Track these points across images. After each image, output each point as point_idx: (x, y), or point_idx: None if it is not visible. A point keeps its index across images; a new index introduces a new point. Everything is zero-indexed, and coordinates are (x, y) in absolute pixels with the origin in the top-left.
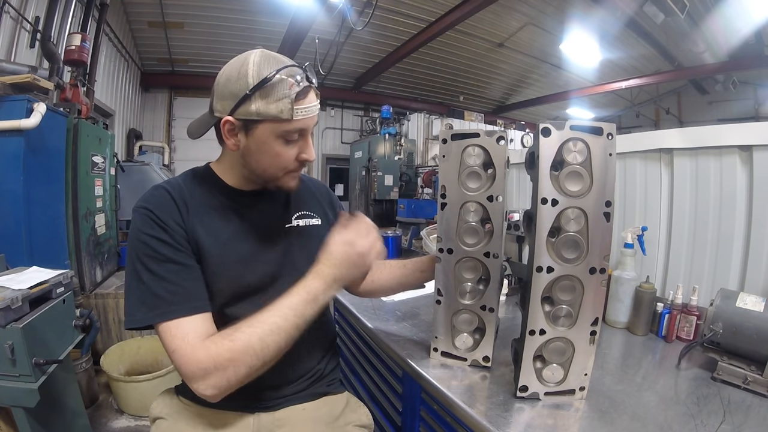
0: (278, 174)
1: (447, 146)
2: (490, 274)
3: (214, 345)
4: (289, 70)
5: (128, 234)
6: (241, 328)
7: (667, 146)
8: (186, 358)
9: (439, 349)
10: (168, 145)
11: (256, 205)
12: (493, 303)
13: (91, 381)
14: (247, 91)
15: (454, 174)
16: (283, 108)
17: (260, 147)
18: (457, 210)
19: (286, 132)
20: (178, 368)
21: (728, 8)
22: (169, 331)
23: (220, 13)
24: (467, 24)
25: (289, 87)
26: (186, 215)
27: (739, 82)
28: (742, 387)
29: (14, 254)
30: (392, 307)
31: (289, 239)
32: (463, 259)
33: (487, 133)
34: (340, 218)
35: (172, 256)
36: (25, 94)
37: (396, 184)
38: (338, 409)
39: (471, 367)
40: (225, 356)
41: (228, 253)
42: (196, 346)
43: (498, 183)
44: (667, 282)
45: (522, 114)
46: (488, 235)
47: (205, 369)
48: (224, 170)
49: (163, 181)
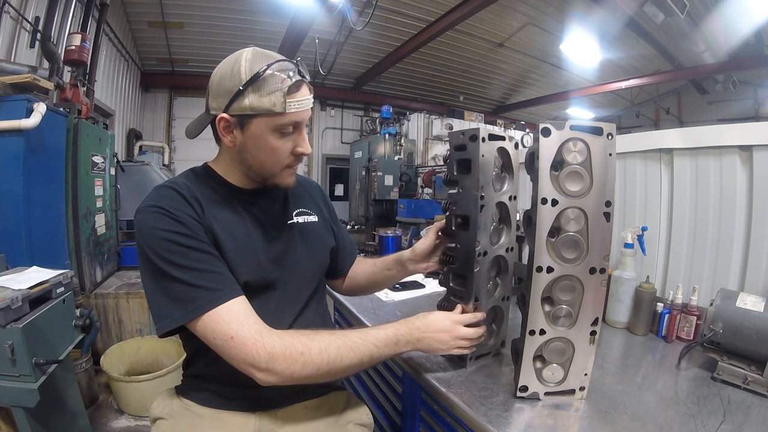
0: (275, 169)
1: (485, 145)
2: (508, 267)
3: (289, 336)
4: (280, 64)
5: (141, 235)
6: (322, 332)
7: (667, 146)
8: (251, 342)
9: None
10: (168, 145)
11: (258, 203)
12: (507, 291)
13: (91, 381)
14: (240, 86)
15: (489, 174)
16: (275, 101)
17: (256, 142)
18: (491, 210)
19: (281, 125)
20: (238, 354)
21: (728, 8)
22: (220, 319)
23: (220, 13)
24: (467, 24)
25: (281, 81)
26: (200, 211)
27: (739, 82)
28: (742, 387)
29: (14, 254)
30: (392, 307)
31: (292, 235)
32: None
33: (509, 138)
34: (467, 308)
35: (198, 246)
36: (25, 94)
37: (396, 184)
38: (339, 408)
39: (466, 366)
40: (298, 349)
41: (242, 247)
42: (264, 332)
43: (515, 183)
44: (667, 282)
45: (522, 114)
46: (508, 233)
47: (273, 355)
48: (224, 169)
49: (165, 181)
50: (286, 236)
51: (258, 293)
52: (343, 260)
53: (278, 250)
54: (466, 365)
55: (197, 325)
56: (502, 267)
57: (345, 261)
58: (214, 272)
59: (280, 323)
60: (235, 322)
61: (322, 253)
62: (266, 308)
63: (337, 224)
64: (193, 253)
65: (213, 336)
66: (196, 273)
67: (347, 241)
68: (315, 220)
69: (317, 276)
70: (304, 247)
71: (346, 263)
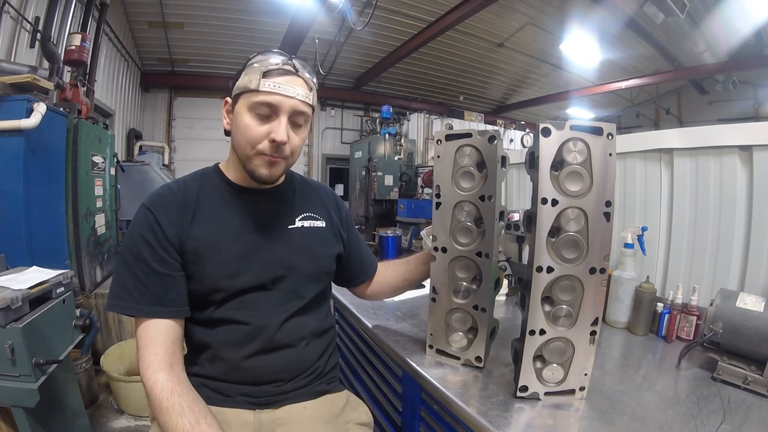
0: (247, 151)
1: (441, 147)
2: (481, 274)
3: (162, 389)
4: (273, 54)
5: (131, 223)
6: (181, 399)
7: (667, 146)
8: (143, 367)
9: (434, 346)
10: (168, 145)
11: (259, 203)
12: (485, 303)
13: (91, 381)
14: (239, 73)
15: (448, 174)
16: (252, 78)
17: (236, 119)
18: (451, 209)
19: (255, 104)
20: (139, 365)
21: (728, 8)
22: (141, 329)
23: (220, 13)
24: (467, 24)
25: (264, 64)
26: (185, 216)
27: (739, 82)
28: (742, 387)
29: (14, 254)
30: (392, 307)
31: (291, 240)
32: (457, 258)
33: (480, 133)
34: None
35: (147, 257)
36: (25, 94)
37: (396, 184)
38: (338, 407)
39: (465, 366)
40: (153, 400)
41: (226, 251)
42: (152, 367)
43: (490, 183)
44: (667, 282)
45: (522, 114)
46: (481, 235)
47: (148, 388)
48: (228, 167)
49: (172, 180)
50: (285, 239)
51: (247, 293)
52: (359, 269)
53: (273, 253)
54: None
55: (134, 319)
56: (477, 274)
57: (362, 271)
58: (145, 286)
59: (272, 322)
60: (143, 342)
61: (325, 259)
62: (256, 308)
63: (351, 232)
64: (139, 263)
65: (136, 336)
66: (141, 284)
67: (364, 251)
68: (321, 226)
69: (317, 281)
70: (303, 251)
71: (363, 273)
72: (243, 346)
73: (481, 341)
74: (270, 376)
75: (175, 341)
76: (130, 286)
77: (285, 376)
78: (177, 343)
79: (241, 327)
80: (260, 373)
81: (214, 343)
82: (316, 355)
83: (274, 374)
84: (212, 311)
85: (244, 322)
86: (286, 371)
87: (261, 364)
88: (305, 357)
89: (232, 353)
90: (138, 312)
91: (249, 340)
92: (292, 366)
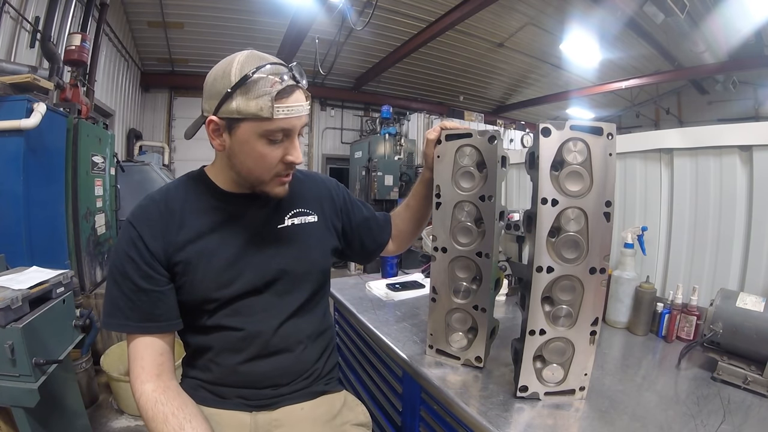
0: (264, 177)
1: (441, 147)
2: (482, 274)
3: (147, 400)
4: (272, 68)
5: (118, 238)
6: (165, 408)
7: (667, 146)
8: (133, 378)
9: (434, 346)
10: (168, 145)
11: (247, 209)
12: (485, 303)
13: (91, 381)
14: (229, 89)
15: (448, 174)
16: (263, 105)
17: (243, 147)
18: (451, 209)
19: (268, 131)
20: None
21: (728, 8)
22: (131, 344)
23: (220, 13)
24: (467, 24)
25: (270, 85)
26: (170, 227)
27: (739, 82)
28: (742, 387)
29: (14, 254)
30: (392, 307)
31: (281, 241)
32: (457, 258)
33: (480, 133)
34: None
35: (132, 275)
36: (25, 94)
37: (396, 184)
38: (336, 407)
39: (465, 366)
40: (140, 410)
41: (215, 259)
42: (140, 379)
43: (490, 183)
44: (667, 282)
45: (522, 114)
46: (481, 235)
47: (137, 399)
48: (216, 173)
49: (156, 189)
50: (275, 241)
51: (240, 299)
52: (379, 234)
53: (264, 257)
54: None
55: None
56: (477, 274)
57: (381, 234)
58: (138, 306)
59: (267, 327)
60: (132, 356)
61: (320, 255)
62: (250, 313)
63: (354, 210)
64: (125, 281)
65: (127, 350)
66: (130, 301)
67: (374, 220)
68: (313, 221)
69: (311, 280)
70: (296, 250)
71: (383, 235)
72: (238, 352)
73: (481, 341)
74: (267, 381)
75: (163, 353)
76: (120, 303)
77: (282, 380)
78: (166, 354)
79: (236, 333)
80: (257, 377)
81: (210, 348)
82: (315, 358)
83: (271, 378)
84: (206, 319)
85: (238, 329)
86: (283, 375)
87: (258, 369)
88: (303, 361)
89: (227, 359)
90: (130, 329)
91: (244, 346)
92: (290, 370)
